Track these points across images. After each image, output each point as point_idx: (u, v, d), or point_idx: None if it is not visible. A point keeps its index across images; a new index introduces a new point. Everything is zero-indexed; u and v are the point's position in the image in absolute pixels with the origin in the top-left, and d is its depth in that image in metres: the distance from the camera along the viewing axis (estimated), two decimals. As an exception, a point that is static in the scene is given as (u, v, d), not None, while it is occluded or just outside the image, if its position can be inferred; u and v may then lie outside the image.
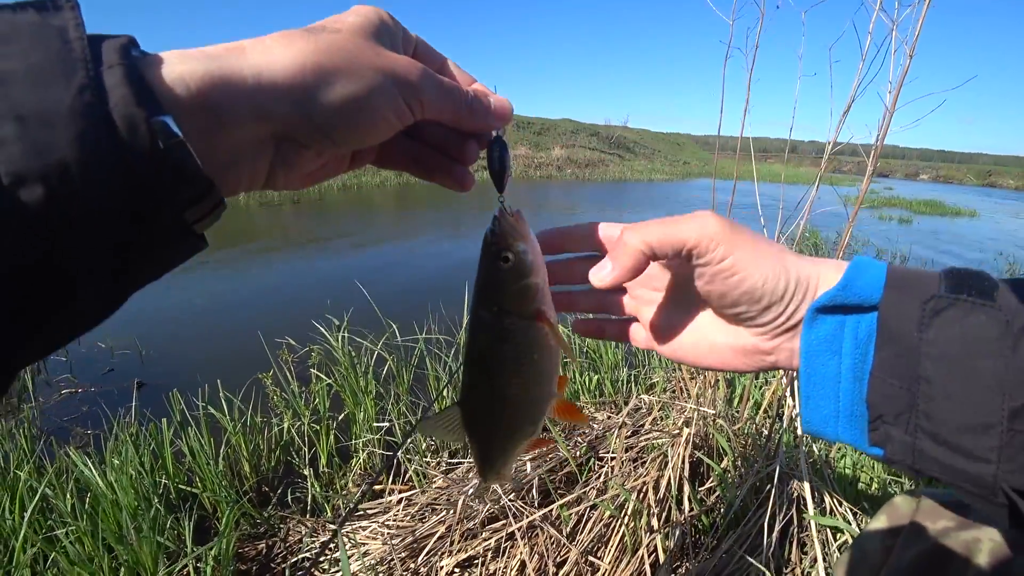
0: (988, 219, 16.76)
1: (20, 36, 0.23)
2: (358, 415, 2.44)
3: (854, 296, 0.36)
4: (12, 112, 0.22)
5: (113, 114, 0.24)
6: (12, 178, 0.22)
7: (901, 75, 1.28)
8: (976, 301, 0.33)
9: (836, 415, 0.38)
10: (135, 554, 1.61)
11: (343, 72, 0.31)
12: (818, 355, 0.37)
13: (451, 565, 1.51)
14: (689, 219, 0.39)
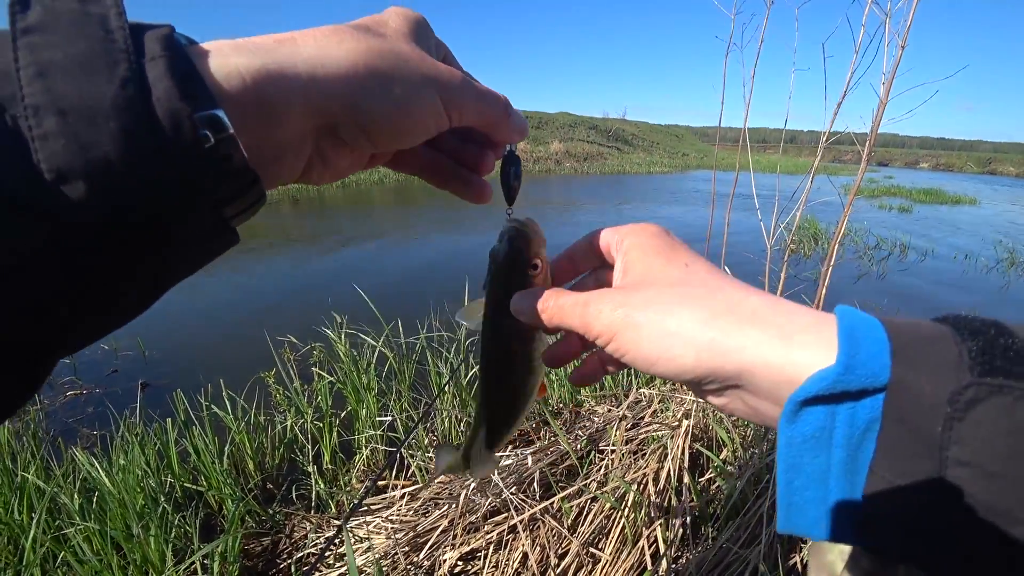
0: (988, 206, 16.73)
1: (60, 25, 0.22)
2: (361, 412, 2.46)
3: (857, 381, 0.27)
4: (54, 105, 0.21)
5: (156, 109, 0.23)
6: (55, 174, 0.21)
7: (893, 67, 1.28)
8: None
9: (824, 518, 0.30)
10: (143, 552, 1.63)
11: (392, 74, 0.31)
12: (802, 454, 0.29)
13: (454, 558, 1.53)
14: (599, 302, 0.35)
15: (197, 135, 0.24)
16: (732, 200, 2.25)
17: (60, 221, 0.22)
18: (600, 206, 12.52)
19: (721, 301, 0.32)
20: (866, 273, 6.71)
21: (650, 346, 0.32)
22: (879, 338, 0.27)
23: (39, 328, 0.24)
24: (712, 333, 0.30)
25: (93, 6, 0.23)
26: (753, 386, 0.31)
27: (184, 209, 0.25)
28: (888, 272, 6.87)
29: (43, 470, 1.98)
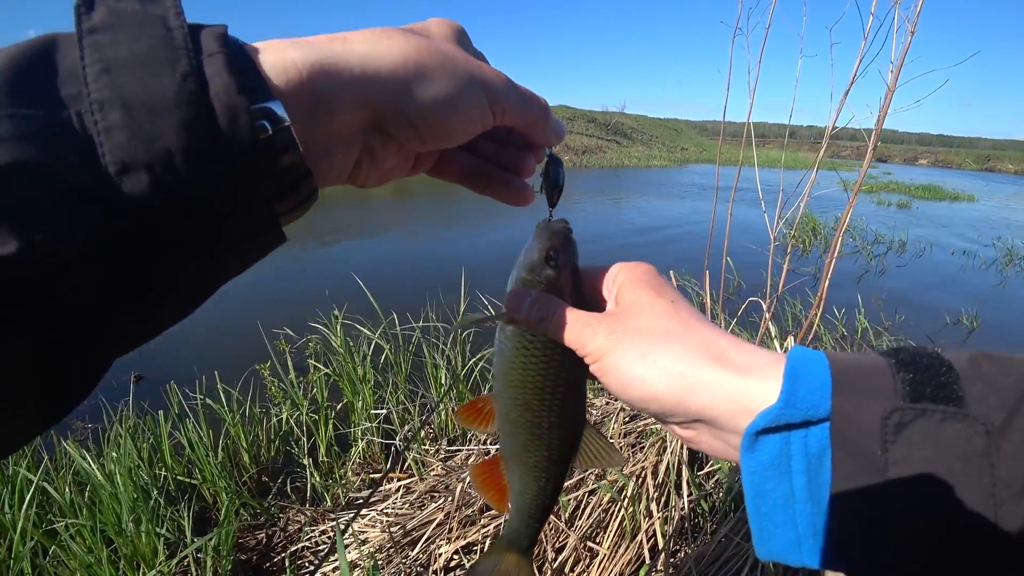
0: (986, 203, 16.75)
1: (124, 24, 0.23)
2: (356, 404, 2.44)
3: (799, 412, 0.31)
4: (119, 99, 0.22)
5: (214, 102, 0.24)
6: (119, 166, 0.22)
7: (903, 52, 1.26)
8: (945, 410, 0.28)
9: (797, 541, 0.33)
10: (134, 546, 1.61)
11: (440, 71, 0.32)
12: (765, 480, 0.33)
13: (450, 552, 1.51)
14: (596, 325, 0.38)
15: (254, 127, 0.25)
16: (734, 194, 2.23)
17: (123, 212, 0.22)
18: (598, 200, 12.47)
19: (695, 340, 0.35)
20: (866, 270, 6.71)
21: (628, 371, 0.36)
22: (821, 374, 0.31)
23: (99, 320, 0.24)
24: (682, 367, 0.34)
25: (153, 7, 0.24)
26: (716, 420, 0.34)
27: (239, 201, 0.26)
28: (887, 268, 6.87)
29: (34, 463, 1.95)
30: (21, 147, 0.20)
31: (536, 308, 0.41)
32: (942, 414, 0.28)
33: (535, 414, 0.45)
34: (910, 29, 1.24)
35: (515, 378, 0.44)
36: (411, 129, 0.33)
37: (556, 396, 0.44)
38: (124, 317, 0.25)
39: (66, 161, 0.21)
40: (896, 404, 0.29)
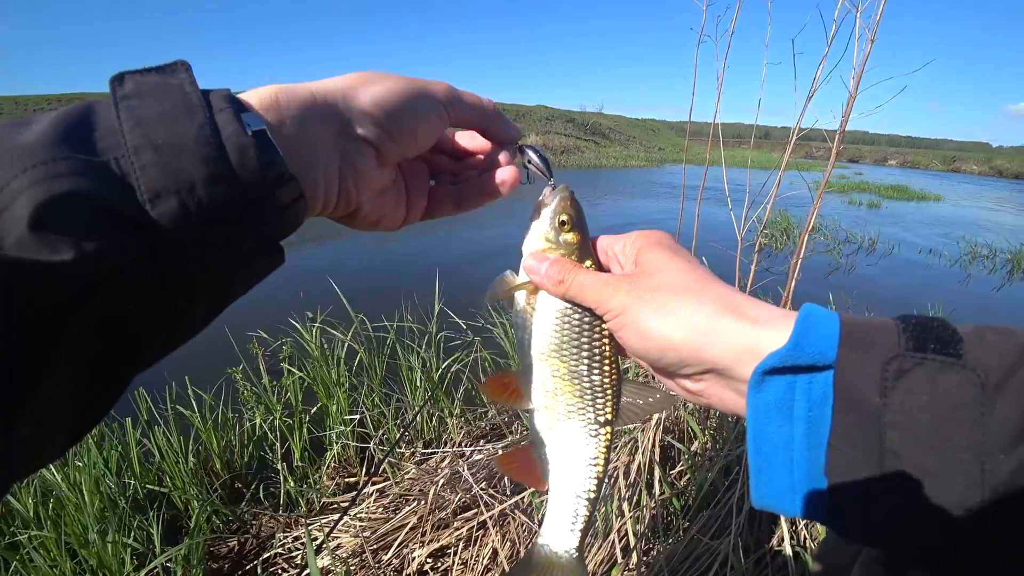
0: (952, 203, 17.25)
1: (151, 91, 0.30)
2: (331, 408, 2.42)
3: (806, 355, 0.32)
4: (150, 144, 0.28)
5: (226, 144, 0.30)
6: (152, 194, 0.28)
7: (863, 60, 1.29)
8: (945, 360, 0.29)
9: (791, 488, 0.34)
10: (99, 558, 1.57)
11: (382, 78, 0.39)
12: (768, 421, 0.34)
13: (423, 556, 1.51)
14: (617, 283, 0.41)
15: (259, 161, 0.31)
16: (702, 193, 2.26)
17: (156, 231, 0.28)
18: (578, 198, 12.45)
19: (712, 294, 0.38)
20: (836, 268, 6.86)
21: (647, 324, 0.38)
22: (830, 326, 0.32)
23: (135, 328, 0.29)
24: (698, 318, 0.37)
25: (171, 78, 0.31)
26: (728, 368, 0.36)
27: (248, 220, 0.31)
28: (857, 266, 7.03)
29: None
30: (76, 181, 0.26)
31: (555, 270, 0.44)
32: (940, 363, 0.29)
33: (573, 377, 0.45)
34: (870, 38, 1.27)
35: (547, 345, 0.45)
36: (374, 124, 0.38)
37: (594, 355, 0.45)
38: (155, 325, 0.30)
39: (109, 192, 0.27)
40: (898, 352, 0.30)
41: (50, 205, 0.25)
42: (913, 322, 0.31)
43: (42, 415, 0.26)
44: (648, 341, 0.38)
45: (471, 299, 3.49)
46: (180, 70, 0.32)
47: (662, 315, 0.38)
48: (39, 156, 0.26)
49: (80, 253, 0.25)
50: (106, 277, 0.26)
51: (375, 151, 0.39)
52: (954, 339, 0.30)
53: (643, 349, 0.39)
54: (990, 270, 7.51)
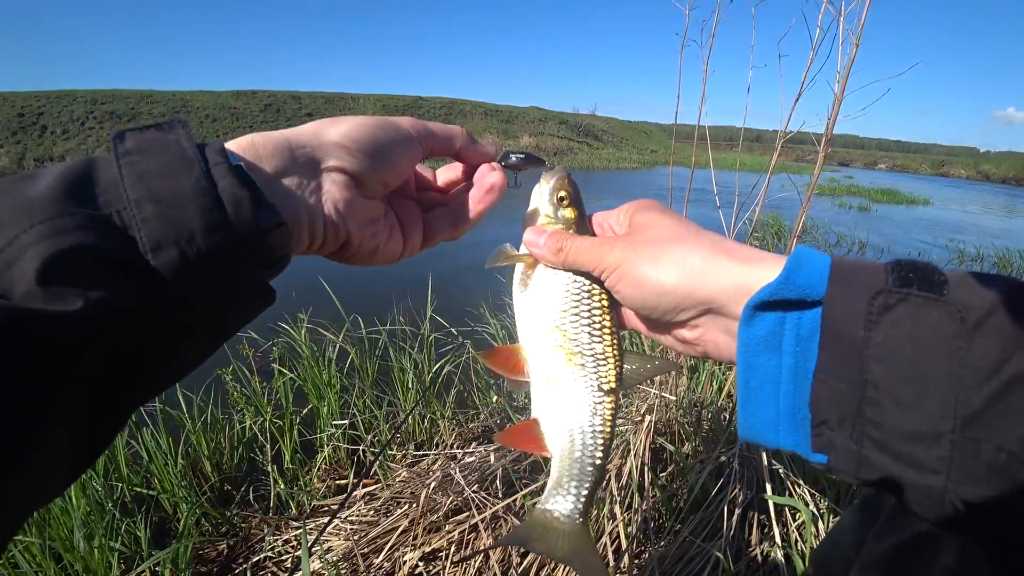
0: (940, 207, 17.43)
1: (149, 147, 0.32)
2: (322, 409, 2.40)
3: (796, 290, 0.33)
4: (151, 197, 0.30)
5: (222, 196, 0.32)
6: (153, 244, 0.29)
7: (848, 64, 1.30)
8: (927, 296, 0.30)
9: (776, 420, 0.35)
10: (85, 562, 1.55)
11: (352, 118, 0.42)
12: (757, 354, 0.35)
13: (415, 559, 1.50)
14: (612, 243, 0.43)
15: (253, 211, 0.33)
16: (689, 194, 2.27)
17: (156, 282, 0.30)
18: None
19: (705, 239, 0.40)
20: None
21: (643, 273, 0.40)
22: (822, 264, 0.34)
23: (138, 368, 0.31)
24: (694, 259, 0.38)
25: (169, 134, 0.33)
26: (722, 306, 0.37)
27: (244, 267, 0.33)
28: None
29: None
30: (80, 235, 0.27)
31: (553, 240, 0.46)
32: (923, 299, 0.30)
33: (575, 347, 0.46)
34: (855, 42, 1.28)
35: (548, 318, 0.46)
36: (343, 151, 0.40)
37: (595, 324, 0.46)
38: (155, 365, 0.32)
39: (112, 244, 0.28)
40: (883, 288, 0.31)
41: (57, 259, 0.26)
42: (902, 263, 0.33)
43: (52, 452, 0.27)
44: (645, 288, 0.40)
45: (465, 300, 3.49)
46: (177, 127, 0.34)
47: (656, 262, 0.40)
48: (47, 212, 0.27)
49: (86, 302, 0.27)
50: (111, 323, 0.28)
51: (354, 180, 0.41)
52: (939, 280, 0.31)
53: (641, 297, 0.41)
54: (977, 273, 7.59)
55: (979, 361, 0.28)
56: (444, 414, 2.40)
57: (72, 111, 19.48)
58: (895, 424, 0.30)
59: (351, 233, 0.42)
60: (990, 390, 0.28)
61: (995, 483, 0.28)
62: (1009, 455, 0.27)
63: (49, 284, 0.26)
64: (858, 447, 0.32)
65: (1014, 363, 0.28)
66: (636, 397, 1.99)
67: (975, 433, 0.28)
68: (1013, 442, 0.27)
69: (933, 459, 0.29)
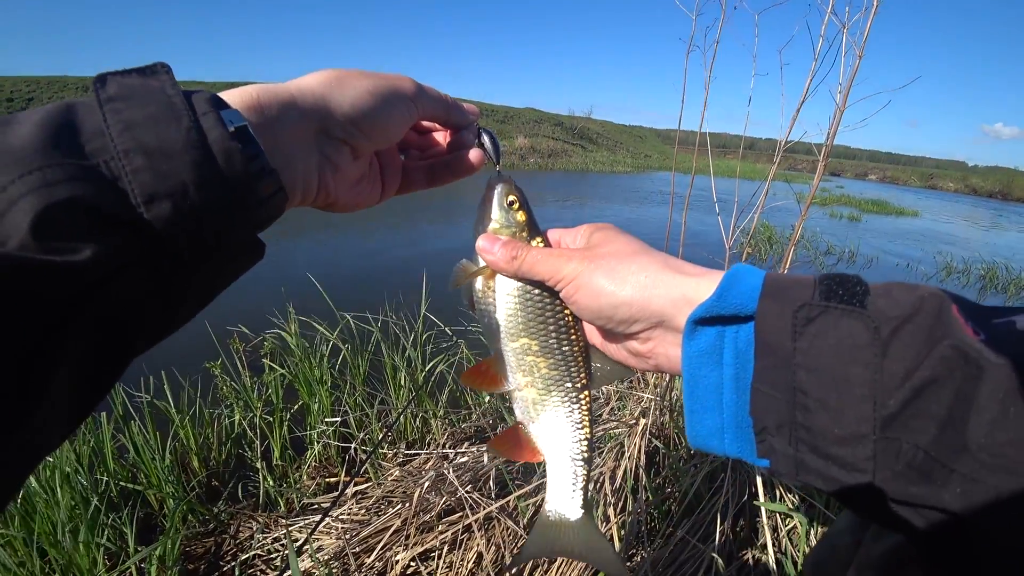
0: (928, 219, 17.66)
1: (135, 94, 0.30)
2: (313, 406, 2.38)
3: (729, 306, 0.35)
4: (141, 149, 0.29)
5: (213, 147, 0.31)
6: (145, 197, 0.29)
7: (851, 75, 1.31)
8: (846, 308, 0.32)
9: (721, 428, 0.38)
10: (70, 557, 1.53)
11: (356, 76, 0.41)
12: (699, 367, 0.37)
13: (407, 559, 1.49)
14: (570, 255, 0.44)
15: (243, 162, 0.32)
16: (688, 201, 2.28)
17: (149, 236, 0.29)
18: (562, 202, 12.57)
19: (658, 257, 0.42)
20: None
21: (599, 285, 0.42)
22: (754, 282, 0.36)
23: (136, 318, 0.31)
24: (645, 274, 0.40)
25: (152, 80, 0.32)
26: (671, 318, 0.40)
27: (234, 218, 0.33)
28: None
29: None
30: (72, 186, 0.27)
31: (508, 249, 0.46)
32: (842, 311, 0.32)
33: (545, 351, 0.47)
34: (858, 53, 1.29)
35: (514, 326, 0.47)
36: (351, 125, 0.40)
37: (560, 327, 0.47)
38: (150, 319, 0.32)
39: (104, 196, 0.28)
40: (807, 302, 0.33)
41: (51, 211, 0.26)
42: (829, 277, 0.35)
43: (54, 402, 0.27)
44: (601, 299, 0.42)
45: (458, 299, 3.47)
46: (160, 72, 0.32)
47: (612, 275, 0.41)
48: (34, 161, 0.26)
49: (82, 256, 0.26)
50: (107, 277, 0.28)
51: (350, 148, 0.42)
52: (861, 292, 0.33)
53: (597, 308, 0.42)
54: (964, 285, 7.69)
55: (894, 367, 0.30)
56: (436, 413, 2.39)
57: (63, 97, 19.17)
58: (823, 428, 0.32)
59: (340, 195, 0.44)
60: (903, 394, 0.30)
61: (916, 480, 0.30)
62: (925, 453, 0.29)
63: (44, 237, 0.25)
64: (795, 451, 0.34)
65: (925, 367, 0.30)
66: (630, 400, 1.99)
67: (894, 433, 0.30)
68: (927, 441, 0.29)
69: (860, 459, 0.31)
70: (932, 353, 0.30)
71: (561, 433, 0.49)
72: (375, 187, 0.48)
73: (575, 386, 0.48)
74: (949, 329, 0.30)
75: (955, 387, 0.29)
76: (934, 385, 0.29)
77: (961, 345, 0.29)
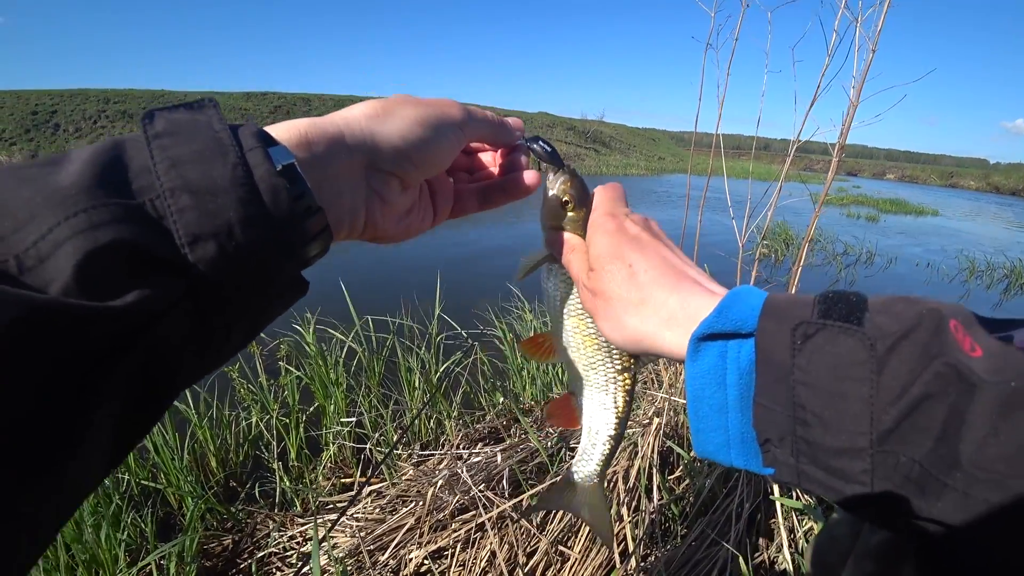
0: (949, 218, 17.33)
1: (180, 130, 0.30)
2: (328, 408, 2.41)
3: (729, 323, 0.37)
4: (187, 187, 0.28)
5: (259, 184, 0.30)
6: (190, 237, 0.28)
7: (864, 69, 1.30)
8: (842, 326, 0.33)
9: (727, 444, 0.39)
10: (92, 553, 1.56)
11: (404, 105, 0.41)
12: (704, 387, 0.38)
13: (420, 557, 1.50)
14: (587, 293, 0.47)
15: (291, 200, 0.31)
16: (704, 202, 2.27)
17: (193, 277, 0.28)
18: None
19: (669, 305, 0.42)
20: (835, 280, 6.88)
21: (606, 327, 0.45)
22: (755, 301, 0.37)
23: (171, 367, 0.30)
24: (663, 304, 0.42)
25: (199, 115, 0.32)
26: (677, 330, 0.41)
27: (281, 258, 0.32)
28: (856, 278, 7.05)
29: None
30: (117, 229, 0.26)
31: (565, 248, 0.50)
32: (839, 328, 0.33)
33: (592, 332, 0.50)
34: (871, 47, 1.28)
35: (568, 306, 0.51)
36: (400, 157, 0.40)
37: None
38: (192, 359, 0.31)
39: (149, 237, 0.27)
40: (805, 320, 0.34)
41: (95, 255, 0.25)
42: (829, 295, 0.35)
43: (94, 446, 0.27)
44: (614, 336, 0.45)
45: (473, 302, 3.50)
46: (208, 107, 0.33)
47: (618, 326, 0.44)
48: (80, 203, 0.26)
49: (125, 302, 0.26)
50: (153, 320, 0.27)
51: (399, 180, 0.42)
52: (860, 308, 0.34)
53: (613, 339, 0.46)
54: (988, 286, 7.53)
55: (891, 382, 0.31)
56: (450, 414, 2.40)
57: (84, 110, 19.71)
58: (821, 441, 0.33)
59: (388, 227, 0.44)
60: (899, 409, 0.30)
61: (912, 492, 0.31)
62: (921, 467, 0.30)
63: (88, 281, 0.25)
64: (796, 462, 0.35)
65: (920, 383, 0.30)
66: (644, 400, 1.99)
67: (891, 447, 0.31)
68: (922, 455, 0.30)
69: (857, 471, 0.32)
70: (927, 369, 0.31)
71: (596, 408, 0.52)
72: (427, 215, 0.48)
73: (615, 367, 0.51)
74: (944, 346, 0.31)
75: (949, 403, 0.30)
76: (929, 400, 0.30)
77: (955, 362, 0.30)
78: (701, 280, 0.43)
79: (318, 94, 28.54)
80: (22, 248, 0.25)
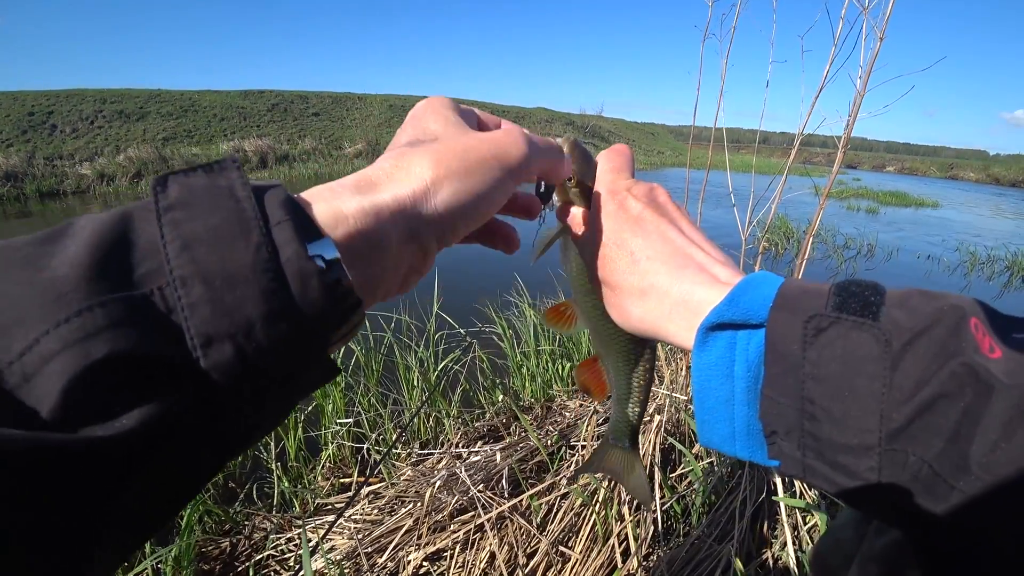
0: (949, 210, 17.30)
1: (197, 200, 0.26)
2: (326, 407, 2.39)
3: (740, 313, 0.35)
4: (200, 275, 0.24)
5: (285, 268, 0.25)
6: (203, 339, 0.23)
7: (872, 58, 1.27)
8: (857, 320, 0.32)
9: (732, 435, 0.38)
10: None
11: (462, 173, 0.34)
12: (710, 378, 0.37)
13: (419, 559, 1.48)
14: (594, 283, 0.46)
15: (323, 289, 0.26)
16: (703, 195, 2.25)
17: (207, 386, 0.24)
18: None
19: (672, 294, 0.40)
20: (836, 273, 6.86)
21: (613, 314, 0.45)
22: (767, 291, 0.35)
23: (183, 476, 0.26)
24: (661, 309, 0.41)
25: (220, 179, 0.27)
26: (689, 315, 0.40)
27: (310, 356, 0.28)
28: (857, 271, 7.03)
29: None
30: (115, 337, 0.22)
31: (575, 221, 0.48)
32: (853, 322, 0.32)
33: None
34: (879, 35, 1.25)
35: (584, 279, 0.50)
36: (452, 235, 0.36)
37: None
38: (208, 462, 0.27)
39: (154, 342, 0.23)
40: (817, 312, 0.33)
41: (86, 376, 0.21)
42: (845, 286, 0.34)
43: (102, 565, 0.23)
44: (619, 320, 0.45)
45: (471, 298, 3.48)
46: (230, 168, 0.28)
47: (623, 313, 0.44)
48: (73, 303, 0.22)
49: (124, 427, 0.22)
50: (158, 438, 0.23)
51: (438, 246, 0.37)
52: (876, 302, 0.32)
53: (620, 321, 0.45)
54: (989, 277, 7.51)
55: (904, 380, 0.30)
56: (449, 413, 2.38)
57: (81, 110, 19.63)
58: (829, 437, 0.32)
59: (407, 287, 0.39)
60: (911, 408, 0.29)
61: (919, 492, 0.30)
62: (930, 467, 0.29)
63: (79, 407, 0.21)
64: (802, 456, 0.34)
65: (935, 382, 0.29)
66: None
67: (900, 446, 0.30)
68: (932, 455, 0.29)
69: (864, 469, 0.31)
70: (943, 368, 0.29)
71: (622, 377, 0.53)
72: None
73: (634, 338, 0.50)
74: (963, 346, 0.30)
75: (964, 404, 0.29)
76: (943, 400, 0.29)
77: (972, 363, 0.29)
78: (707, 264, 0.41)
79: (315, 91, 28.41)
80: (6, 361, 0.21)
